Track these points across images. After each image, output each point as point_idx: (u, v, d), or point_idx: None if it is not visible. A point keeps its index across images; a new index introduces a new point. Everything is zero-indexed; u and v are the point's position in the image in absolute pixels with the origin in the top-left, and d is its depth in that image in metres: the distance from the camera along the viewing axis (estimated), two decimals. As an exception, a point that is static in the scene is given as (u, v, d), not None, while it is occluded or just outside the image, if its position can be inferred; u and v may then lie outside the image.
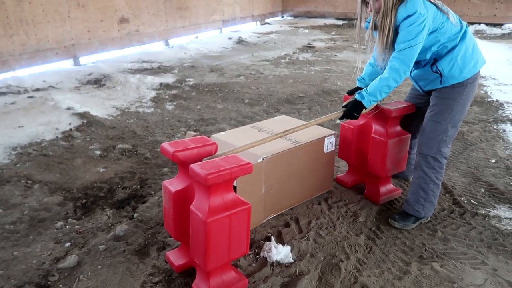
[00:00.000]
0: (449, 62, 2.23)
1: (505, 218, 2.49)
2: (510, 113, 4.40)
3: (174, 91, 5.16)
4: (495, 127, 4.01)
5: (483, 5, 11.40)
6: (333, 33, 10.63)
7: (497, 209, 2.59)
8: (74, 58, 6.17)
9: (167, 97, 4.93)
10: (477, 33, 10.50)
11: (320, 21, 12.83)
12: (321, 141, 2.59)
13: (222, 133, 2.65)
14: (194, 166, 1.64)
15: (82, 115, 4.08)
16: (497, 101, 4.83)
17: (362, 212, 2.52)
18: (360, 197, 2.70)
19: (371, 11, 2.27)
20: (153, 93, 5.00)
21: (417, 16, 2.07)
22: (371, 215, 2.50)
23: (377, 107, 2.49)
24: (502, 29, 11.03)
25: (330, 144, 2.65)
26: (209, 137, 2.53)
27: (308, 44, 8.81)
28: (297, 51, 8.07)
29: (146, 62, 6.64)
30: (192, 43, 8.51)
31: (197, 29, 9.08)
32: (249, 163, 1.70)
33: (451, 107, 2.26)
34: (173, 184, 1.84)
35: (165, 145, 1.82)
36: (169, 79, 5.71)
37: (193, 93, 5.10)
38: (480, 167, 3.16)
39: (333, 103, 4.75)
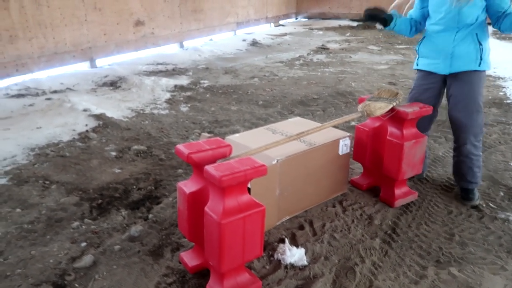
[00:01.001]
0: (486, 43, 2.41)
1: (525, 223, 2.43)
2: (530, 115, 4.30)
3: (188, 93, 5.19)
4: (514, 129, 3.93)
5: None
6: (348, 34, 10.56)
7: (517, 214, 2.53)
8: (90, 60, 6.27)
9: (181, 99, 4.96)
10: (495, 33, 10.29)
11: (335, 23, 12.76)
12: (336, 143, 2.57)
13: (237, 134, 2.65)
14: (209, 168, 1.64)
15: (98, 117, 4.14)
16: (516, 102, 4.73)
17: (377, 215, 2.49)
18: (375, 199, 2.67)
19: None
20: (167, 95, 5.04)
21: None
22: (386, 218, 2.46)
23: (392, 109, 2.46)
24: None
25: (345, 146, 2.63)
26: (223, 139, 2.54)
27: (322, 45, 8.77)
28: (311, 52, 8.04)
29: (161, 64, 6.70)
30: (206, 45, 8.55)
31: (211, 31, 9.13)
32: (263, 165, 1.69)
33: (482, 90, 2.47)
34: (188, 186, 1.84)
35: (180, 146, 1.83)
36: (183, 81, 5.75)
37: (207, 95, 5.12)
38: (499, 170, 3.09)
39: (347, 104, 4.71)
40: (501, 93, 5.11)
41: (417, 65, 2.68)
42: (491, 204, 2.63)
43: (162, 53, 7.52)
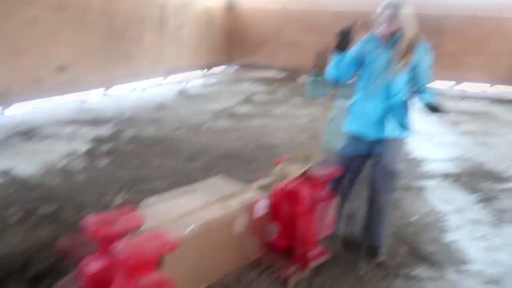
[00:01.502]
0: (409, 112, 2.69)
1: (425, 278, 2.64)
2: (430, 169, 4.77)
3: (109, 145, 5.03)
4: (416, 184, 4.32)
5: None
6: (274, 85, 11.11)
7: (418, 269, 2.74)
8: (2, 107, 5.86)
9: (101, 151, 4.79)
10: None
11: (262, 73, 13.38)
12: (252, 205, 2.63)
13: (154, 197, 2.60)
14: (115, 246, 1.60)
15: (2, 174, 3.82)
16: (418, 157, 5.23)
17: (292, 278, 2.55)
18: (290, 261, 2.73)
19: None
20: (86, 147, 4.84)
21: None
22: (301, 281, 2.53)
23: (306, 172, 2.61)
24: (424, 87, 12.13)
25: (262, 208, 2.70)
26: (140, 201, 2.49)
27: (250, 96, 9.11)
28: (238, 103, 8.29)
29: (82, 112, 6.46)
30: (134, 92, 8.46)
31: (140, 78, 9.07)
32: (174, 242, 1.68)
33: (400, 157, 2.75)
34: (91, 264, 1.76)
35: (88, 220, 1.76)
36: (105, 131, 5.58)
37: (130, 147, 5.01)
38: (402, 226, 3.36)
39: (270, 159, 4.83)
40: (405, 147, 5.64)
41: (346, 127, 2.88)
42: (394, 261, 2.82)
43: (85, 100, 7.27)
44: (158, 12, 9.51)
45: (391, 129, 2.66)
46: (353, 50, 2.70)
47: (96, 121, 6.02)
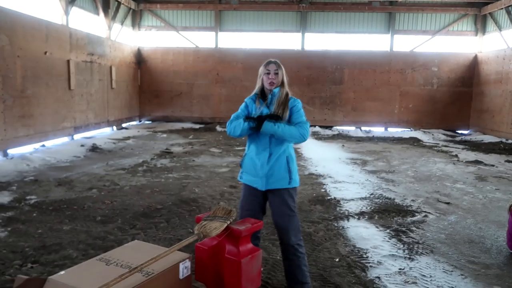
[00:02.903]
0: (294, 164, 2.85)
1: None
2: (347, 209, 5.02)
3: (9, 213, 4.49)
4: (336, 224, 4.50)
5: (315, 110, 13.52)
6: (191, 137, 11.08)
7: (345, 311, 2.78)
8: None
9: (0, 221, 4.24)
10: (314, 134, 12.22)
11: (178, 125, 13.33)
12: (175, 267, 2.48)
13: (62, 272, 2.33)
14: None
15: None
16: (334, 198, 5.49)
17: None
18: (220, 321, 2.60)
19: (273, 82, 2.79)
20: (-20, 219, 4.26)
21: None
22: None
23: (227, 228, 2.56)
24: (332, 131, 13.09)
25: (185, 269, 2.56)
26: (46, 278, 2.21)
27: (166, 149, 8.93)
28: (155, 157, 8.07)
29: (-25, 178, 5.75)
30: (37, 152, 7.80)
31: (43, 137, 8.42)
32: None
33: (294, 201, 2.85)
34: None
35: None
36: (4, 198, 5.00)
37: (34, 214, 4.52)
38: (327, 268, 3.42)
39: (191, 213, 4.73)
40: (323, 190, 5.91)
41: (241, 178, 2.97)
42: (324, 306, 2.84)
43: (-22, 164, 6.51)
44: (63, 68, 9.11)
45: (278, 182, 2.79)
46: (242, 110, 2.93)
47: (-8, 188, 5.38)
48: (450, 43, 13.86)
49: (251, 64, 12.82)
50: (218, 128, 13.03)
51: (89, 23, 11.24)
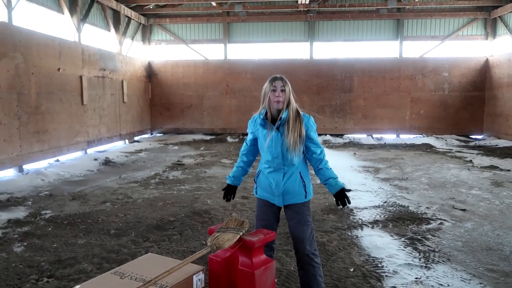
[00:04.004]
0: (308, 177, 2.85)
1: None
2: (360, 218, 4.97)
3: (25, 228, 4.56)
4: (349, 233, 4.45)
5: (326, 119, 13.49)
6: (202, 148, 11.13)
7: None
8: None
9: (16, 236, 4.31)
10: (325, 143, 12.17)
11: (189, 137, 13.41)
12: (189, 280, 2.48)
13: (77, 287, 2.35)
14: None
15: None
16: (348, 207, 5.44)
17: None
18: (235, 334, 2.58)
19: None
20: (-3, 234, 4.33)
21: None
22: None
23: (240, 239, 2.56)
24: (343, 139, 13.03)
25: (199, 281, 2.56)
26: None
27: (178, 161, 8.98)
28: (167, 169, 8.12)
29: (-8, 194, 5.85)
30: (52, 167, 7.92)
31: (57, 152, 8.55)
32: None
33: (309, 210, 2.87)
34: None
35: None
36: (20, 213, 5.07)
37: (50, 228, 4.57)
38: (342, 278, 3.38)
39: (204, 225, 4.74)
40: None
41: (256, 193, 2.96)
42: (339, 317, 2.80)
43: (-5, 180, 6.63)
44: (76, 84, 9.28)
45: (294, 197, 2.80)
46: (249, 135, 2.97)
47: (8, 203, 5.47)
48: (460, 48, 13.76)
49: (260, 74, 12.91)
50: (229, 139, 13.07)
51: (100, 39, 11.47)
